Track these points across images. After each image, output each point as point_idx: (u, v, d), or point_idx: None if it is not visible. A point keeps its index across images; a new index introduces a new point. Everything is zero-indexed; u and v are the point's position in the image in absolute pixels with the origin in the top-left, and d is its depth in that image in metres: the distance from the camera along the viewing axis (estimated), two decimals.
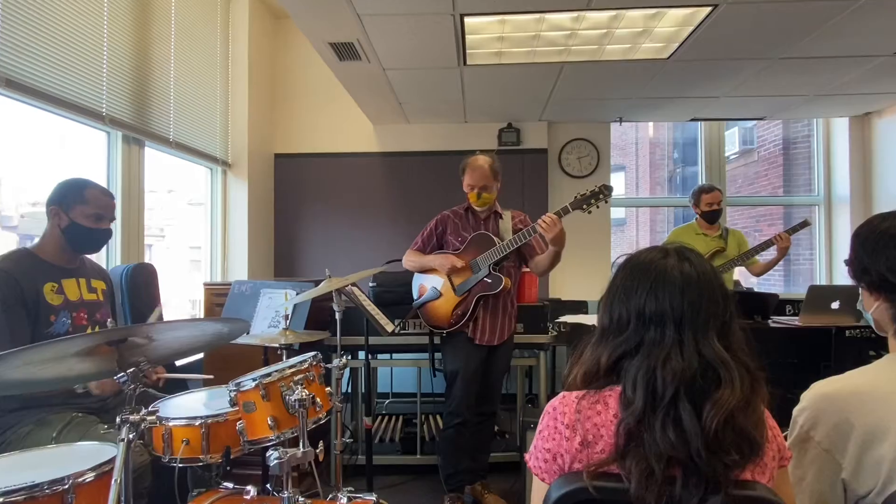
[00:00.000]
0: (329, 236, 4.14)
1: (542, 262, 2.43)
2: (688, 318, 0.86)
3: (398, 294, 2.75)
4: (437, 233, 2.54)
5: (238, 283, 2.69)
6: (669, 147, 8.29)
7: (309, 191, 4.17)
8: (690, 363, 0.83)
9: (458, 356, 2.42)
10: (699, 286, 0.87)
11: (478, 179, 2.42)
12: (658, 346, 0.86)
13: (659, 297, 0.88)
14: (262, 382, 1.48)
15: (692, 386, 0.82)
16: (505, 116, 4.06)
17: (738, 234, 3.33)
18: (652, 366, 0.84)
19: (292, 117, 4.20)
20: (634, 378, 0.85)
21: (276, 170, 4.18)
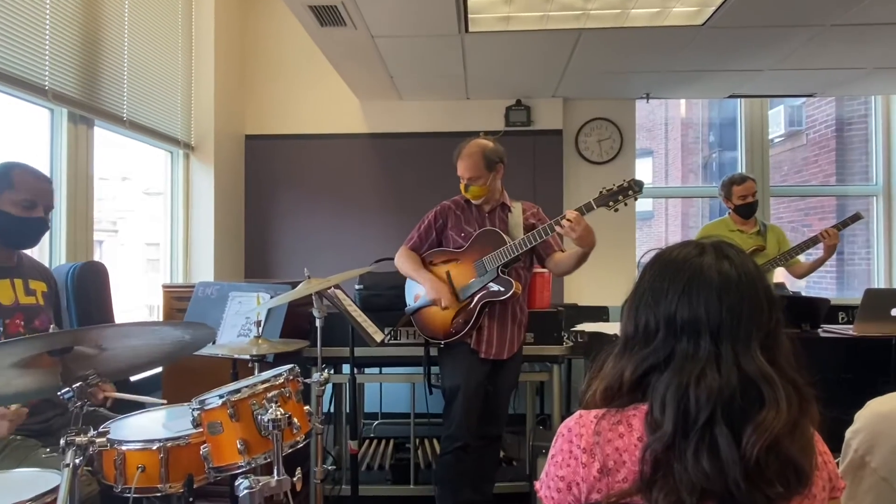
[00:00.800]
0: (309, 231, 4.14)
1: (564, 263, 2.44)
2: (726, 326, 0.85)
3: (388, 298, 2.75)
4: (437, 227, 2.54)
5: (203, 284, 2.69)
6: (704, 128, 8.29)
7: (286, 178, 4.16)
8: (729, 380, 0.82)
9: (459, 371, 2.42)
10: (740, 289, 0.86)
11: (464, 169, 2.43)
12: (691, 359, 0.85)
13: (693, 302, 0.87)
14: (230, 400, 1.48)
15: (730, 406, 0.82)
16: (513, 92, 4.06)
17: (777, 229, 3.33)
18: (684, 382, 0.83)
19: (266, 93, 4.19)
20: (663, 396, 0.84)
21: (248, 154, 4.17)
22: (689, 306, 0.87)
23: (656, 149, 9.15)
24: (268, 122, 4.18)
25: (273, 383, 1.55)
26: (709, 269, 0.88)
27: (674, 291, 0.89)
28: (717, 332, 0.85)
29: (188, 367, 2.54)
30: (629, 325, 0.94)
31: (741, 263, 0.89)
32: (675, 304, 0.88)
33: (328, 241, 4.11)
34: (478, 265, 2.41)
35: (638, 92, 4.08)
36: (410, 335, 2.75)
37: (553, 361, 2.85)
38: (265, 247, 4.15)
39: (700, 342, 0.85)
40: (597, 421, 0.88)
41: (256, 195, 4.16)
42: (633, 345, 0.92)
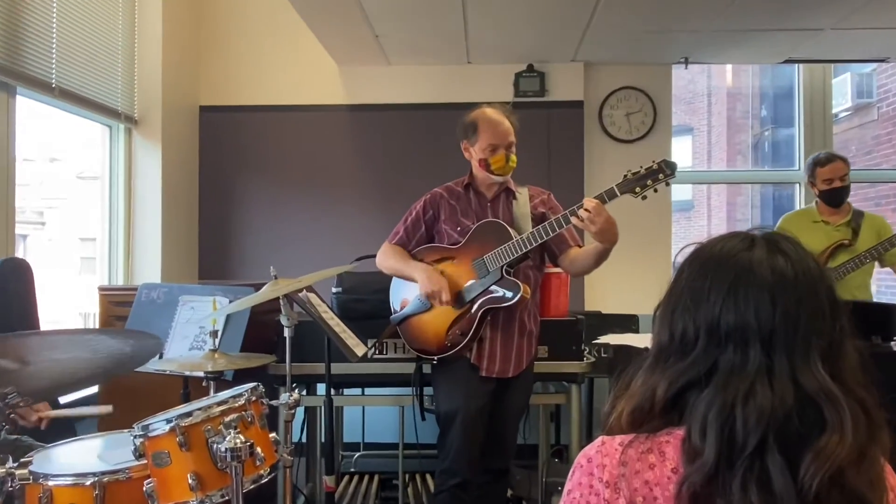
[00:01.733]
0: (276, 223, 4.13)
1: (581, 261, 2.44)
2: (781, 333, 0.85)
3: (372, 304, 2.74)
4: (427, 219, 2.54)
5: (147, 287, 2.69)
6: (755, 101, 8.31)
7: (249, 159, 4.15)
8: (783, 399, 0.82)
9: (456, 392, 2.41)
10: (798, 289, 0.86)
11: (502, 136, 2.41)
12: (738, 373, 0.85)
13: (740, 305, 0.87)
14: (179, 425, 1.48)
15: (785, 430, 0.81)
16: (524, 55, 4.04)
17: (877, 220, 3.28)
18: (729, 401, 0.83)
19: (225, 56, 4.18)
20: (704, 418, 0.84)
21: (203, 129, 4.16)
22: (735, 310, 0.87)
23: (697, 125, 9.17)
24: (227, 91, 4.17)
25: (232, 405, 1.55)
26: (759, 265, 0.88)
27: (717, 292, 0.88)
28: (769, 340, 0.85)
29: (129, 386, 2.53)
30: (663, 334, 0.93)
31: (799, 259, 0.89)
32: (719, 308, 0.88)
33: (300, 235, 4.11)
34: (477, 265, 2.40)
35: (675, 56, 4.07)
36: (399, 349, 2.75)
37: (571, 381, 2.84)
38: (223, 242, 4.14)
39: (749, 353, 0.85)
40: (622, 449, 0.88)
41: (213, 179, 4.15)
42: (667, 356, 0.91)
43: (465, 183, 2.55)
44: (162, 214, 3.67)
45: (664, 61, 4.17)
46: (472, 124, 2.46)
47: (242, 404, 1.57)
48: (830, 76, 4.62)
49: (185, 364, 2.08)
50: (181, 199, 3.93)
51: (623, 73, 4.21)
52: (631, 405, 0.92)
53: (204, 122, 4.16)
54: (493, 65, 4.12)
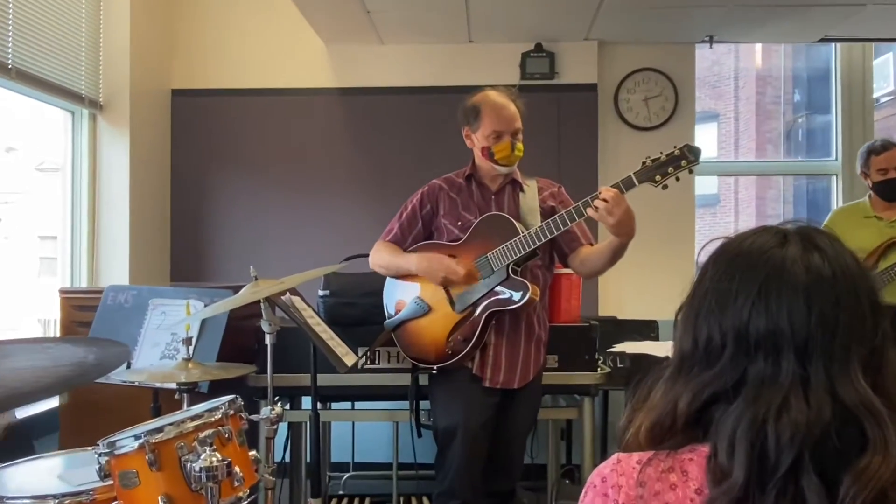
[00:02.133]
0: (257, 219, 4.13)
1: (594, 259, 2.44)
2: (817, 340, 0.84)
3: (363, 308, 2.74)
4: (424, 214, 2.55)
5: (114, 289, 2.69)
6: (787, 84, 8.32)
7: (226, 147, 4.15)
8: (820, 413, 0.82)
9: (456, 405, 2.42)
10: (836, 290, 0.86)
11: (507, 122, 2.42)
12: (769, 384, 0.84)
13: (772, 308, 0.86)
14: (149, 442, 1.48)
15: (822, 449, 0.81)
16: (531, 34, 4.04)
17: None
18: (760, 416, 0.83)
19: (200, 35, 4.18)
20: (732, 435, 0.83)
21: (175, 115, 4.16)
22: (766, 314, 0.86)
23: (723, 111, 9.18)
24: (202, 73, 4.16)
25: (207, 420, 1.56)
26: (793, 263, 0.88)
27: (746, 294, 0.88)
28: (804, 348, 0.85)
29: (93, 400, 2.54)
30: (686, 340, 0.93)
31: (837, 256, 0.89)
32: (748, 312, 0.87)
33: (283, 232, 4.10)
34: (481, 263, 2.41)
35: (698, 34, 4.06)
36: (393, 358, 2.75)
37: (583, 393, 2.85)
38: (198, 240, 4.14)
39: (781, 362, 0.85)
40: (640, 468, 0.87)
41: (187, 170, 4.14)
42: (690, 366, 0.91)
43: (466, 174, 2.56)
44: (130, 209, 3.66)
45: (687, 40, 4.16)
46: (473, 109, 2.46)
47: (219, 419, 1.58)
48: (871, 57, 4.61)
49: (156, 374, 2.08)
50: (151, 193, 3.92)
51: (641, 54, 4.21)
52: (650, 419, 0.92)
53: (176, 107, 4.15)
54: (497, 44, 4.12)
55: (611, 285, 4.15)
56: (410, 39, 4.08)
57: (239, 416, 1.69)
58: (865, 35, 4.18)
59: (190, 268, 4.11)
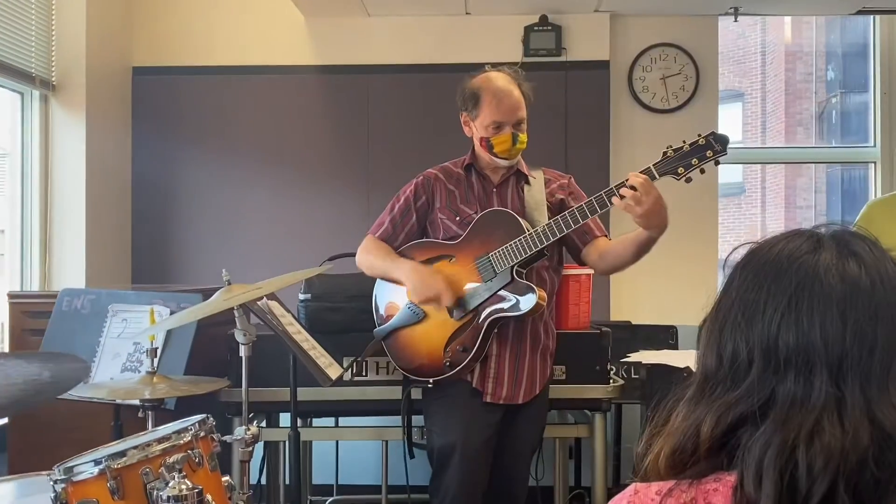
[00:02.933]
0: (230, 215, 4.12)
1: (616, 253, 2.45)
2: (854, 357, 0.85)
3: (349, 313, 2.75)
4: (418, 207, 2.54)
5: (69, 293, 2.68)
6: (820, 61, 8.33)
7: (194, 132, 4.13)
8: (857, 438, 0.82)
9: (454, 422, 2.42)
10: (875, 302, 0.86)
11: (509, 112, 2.41)
12: (801, 406, 0.85)
13: (803, 321, 0.87)
14: (111, 467, 1.47)
15: (859, 478, 0.81)
16: (536, 5, 4.04)
17: None
18: (790, 442, 0.83)
19: (164, 7, 4.15)
20: (759, 462, 0.83)
21: (137, 95, 4.14)
22: (797, 328, 0.87)
23: (748, 90, 9.19)
24: (167, 49, 4.14)
25: (175, 443, 1.55)
26: (827, 272, 0.88)
27: (774, 306, 0.88)
28: (838, 366, 0.85)
29: (46, 417, 2.51)
30: (710, 356, 0.93)
31: (875, 263, 0.89)
32: (777, 325, 0.88)
33: (259, 229, 4.09)
34: (482, 265, 2.41)
35: (722, 6, 4.06)
36: (381, 369, 2.76)
37: (594, 409, 2.85)
38: (163, 237, 4.13)
39: (814, 381, 0.85)
40: (660, 499, 0.88)
41: (150, 158, 4.13)
42: (714, 385, 0.92)
43: (465, 163, 2.56)
44: (86, 202, 3.64)
45: (709, 12, 4.15)
46: (473, 94, 2.45)
47: (188, 441, 1.58)
48: None
49: (117, 390, 2.08)
50: (110, 183, 3.90)
51: (658, 27, 4.20)
52: (670, 445, 0.92)
53: (138, 87, 4.13)
54: (497, 16, 4.11)
55: (624, 287, 4.15)
56: (400, 11, 4.06)
57: (210, 438, 1.69)
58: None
59: (154, 268, 4.10)
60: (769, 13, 4.35)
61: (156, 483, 1.49)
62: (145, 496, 1.49)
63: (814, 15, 5.25)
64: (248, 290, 2.11)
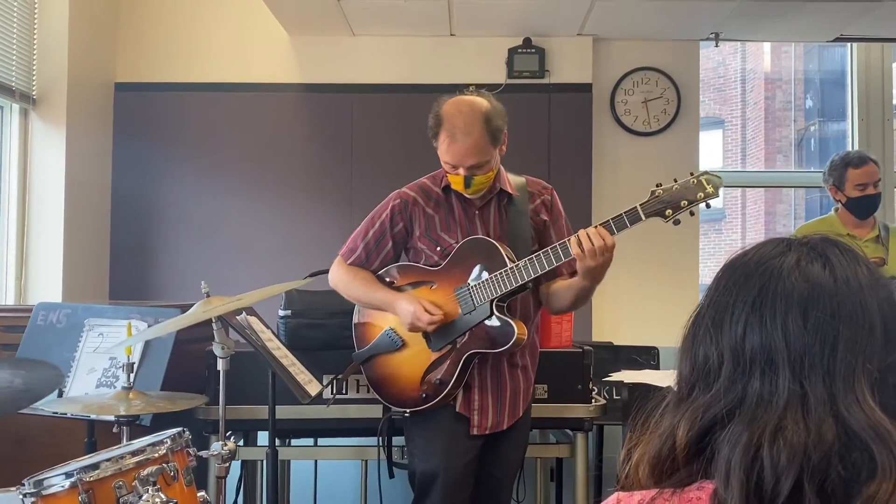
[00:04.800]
0: (211, 230, 4.10)
1: (559, 297, 2.41)
2: (815, 356, 0.85)
3: (330, 331, 2.74)
4: (395, 233, 2.46)
5: (45, 307, 2.66)
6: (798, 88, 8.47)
7: (176, 148, 4.13)
8: (821, 436, 0.82)
9: (436, 448, 2.39)
10: (838, 301, 0.87)
11: (459, 157, 2.29)
12: (766, 405, 0.85)
13: (766, 321, 0.87)
14: (83, 480, 1.45)
15: (824, 474, 0.81)
16: (520, 27, 4.08)
17: None
18: (755, 440, 0.83)
19: (148, 22, 4.16)
20: (728, 461, 0.83)
21: (119, 111, 4.14)
22: (760, 328, 0.87)
23: (729, 117, 9.31)
24: (150, 65, 4.15)
25: (150, 456, 1.53)
26: (791, 272, 0.89)
27: (741, 308, 0.89)
28: (800, 364, 0.85)
29: (17, 432, 2.47)
30: (684, 364, 0.94)
31: (844, 266, 0.90)
32: (743, 326, 0.88)
33: (240, 246, 4.08)
34: (461, 295, 2.35)
35: (703, 31, 4.13)
36: (363, 387, 2.73)
37: (576, 428, 2.84)
38: (143, 253, 4.10)
39: (778, 380, 0.86)
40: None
41: (131, 173, 4.11)
42: (689, 390, 0.92)
43: (443, 183, 2.45)
44: (65, 216, 3.63)
45: (690, 37, 4.22)
46: (436, 121, 2.34)
47: (163, 455, 1.56)
48: (890, 59, 4.69)
49: (92, 405, 2.05)
50: (90, 198, 3.89)
51: (640, 51, 4.26)
52: (649, 452, 0.92)
53: (120, 102, 4.13)
54: (481, 38, 4.15)
55: (606, 308, 4.17)
56: (385, 31, 4.09)
57: (186, 453, 1.67)
58: (884, 34, 4.26)
59: (133, 284, 4.07)
60: (749, 39, 4.42)
61: (129, 497, 1.47)
62: None
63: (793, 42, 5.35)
64: (228, 303, 2.10)
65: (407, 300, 2.37)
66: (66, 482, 1.47)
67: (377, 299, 2.44)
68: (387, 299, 2.41)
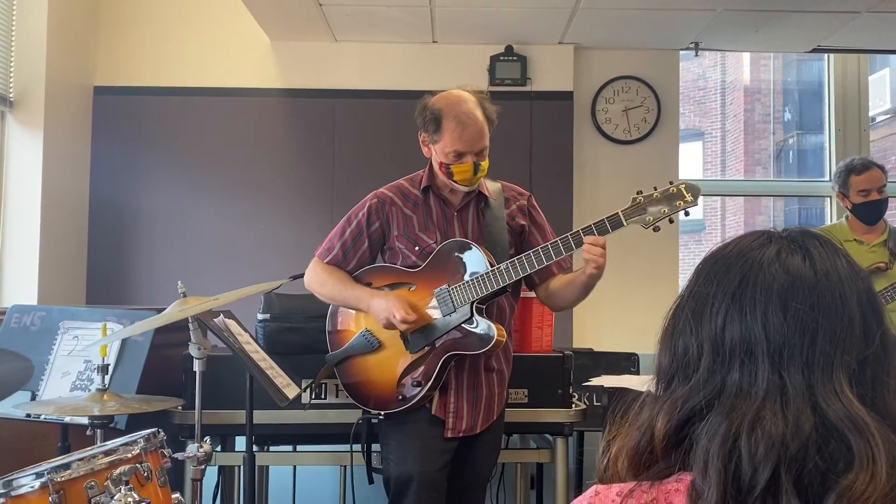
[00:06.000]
0: (190, 235, 4.09)
1: (564, 293, 2.44)
2: (795, 347, 0.86)
3: (309, 334, 2.72)
4: (372, 232, 2.46)
5: (19, 310, 2.64)
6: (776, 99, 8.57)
7: (155, 152, 4.11)
8: (799, 426, 0.83)
9: (412, 452, 2.39)
10: (818, 293, 0.88)
11: (472, 141, 2.31)
12: (745, 396, 0.86)
13: (746, 313, 0.88)
14: (54, 480, 1.44)
15: (802, 466, 0.81)
16: (502, 35, 4.10)
17: None
18: (733, 430, 0.84)
19: (128, 26, 4.16)
20: (706, 452, 0.83)
21: (97, 115, 4.12)
22: (740, 319, 0.88)
23: (709, 129, 9.39)
24: (129, 69, 4.14)
25: (123, 456, 1.51)
26: (771, 264, 0.90)
27: (721, 299, 0.90)
28: (779, 355, 0.86)
29: None
30: (663, 356, 0.95)
31: (824, 258, 0.91)
32: (723, 318, 0.89)
33: (219, 250, 4.06)
34: (441, 297, 2.35)
35: (683, 40, 4.17)
36: (341, 392, 2.71)
37: (557, 433, 2.83)
38: (120, 257, 4.08)
39: (757, 371, 0.86)
40: (621, 500, 0.88)
41: (109, 177, 4.09)
42: (667, 382, 0.93)
43: (423, 184, 2.46)
44: (41, 219, 3.62)
45: (670, 46, 4.26)
46: (434, 117, 2.35)
47: (137, 454, 1.54)
48: (867, 72, 4.77)
49: (65, 407, 2.02)
50: (67, 202, 3.87)
51: (621, 60, 4.29)
52: (628, 444, 0.93)
53: (99, 106, 4.12)
54: (463, 45, 4.17)
55: (587, 316, 4.18)
56: (367, 37, 4.10)
57: (161, 454, 1.65)
58: (861, 45, 4.32)
59: (110, 289, 4.05)
60: (728, 49, 4.46)
61: (101, 497, 1.45)
62: None
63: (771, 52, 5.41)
64: (205, 302, 2.08)
65: (382, 297, 2.37)
66: (37, 482, 1.45)
67: (352, 297, 2.43)
68: (362, 296, 2.41)
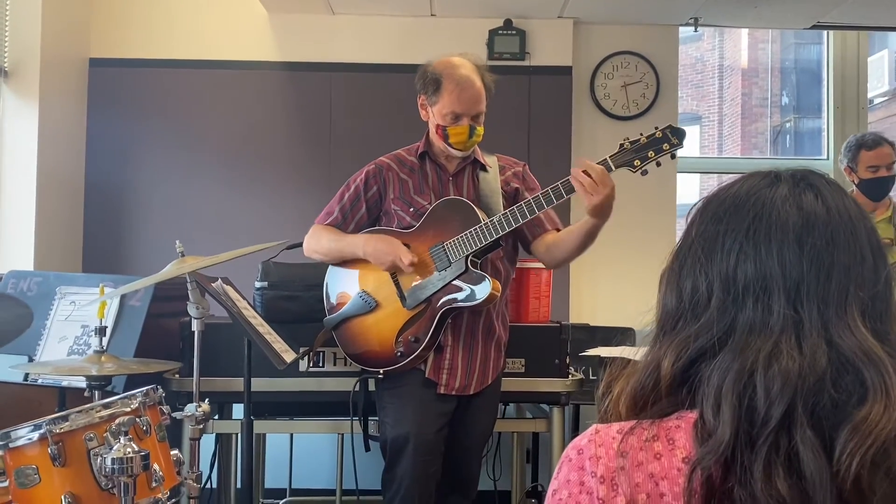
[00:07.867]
0: (187, 204, 4.08)
1: (562, 246, 2.46)
2: (811, 283, 0.86)
3: (306, 303, 2.73)
4: (369, 196, 2.53)
5: (15, 275, 2.64)
6: (774, 80, 8.56)
7: (152, 124, 4.09)
8: (815, 360, 0.83)
9: (408, 414, 2.41)
10: (831, 230, 0.88)
11: (469, 104, 2.38)
12: (760, 332, 0.86)
13: (761, 250, 0.88)
14: (52, 432, 1.44)
15: (817, 399, 0.82)
16: (500, 8, 4.08)
17: None
18: (748, 366, 0.84)
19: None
20: (718, 388, 0.84)
21: (93, 86, 4.10)
22: (755, 256, 0.88)
23: (706, 112, 9.39)
24: (125, 41, 4.11)
25: (122, 409, 1.52)
26: (784, 202, 0.90)
27: (733, 238, 0.90)
28: (796, 290, 0.86)
29: None
30: (669, 296, 0.95)
31: (833, 196, 0.91)
32: (736, 255, 0.89)
33: (217, 221, 4.05)
34: (436, 253, 2.40)
35: (682, 16, 4.15)
36: (339, 360, 2.73)
37: (553, 402, 2.85)
38: (117, 226, 4.07)
39: (772, 307, 0.86)
40: (622, 437, 0.87)
41: (105, 147, 4.08)
42: (674, 322, 0.93)
43: (419, 151, 2.54)
44: (37, 188, 3.61)
45: (670, 22, 4.24)
46: (434, 79, 2.43)
47: (136, 408, 1.55)
48: (866, 53, 4.76)
49: (62, 368, 2.03)
50: (63, 171, 3.86)
51: (620, 35, 4.28)
52: (631, 384, 0.93)
53: (95, 77, 4.09)
54: (462, 18, 4.15)
55: (584, 291, 4.19)
56: (365, 10, 4.07)
57: (160, 410, 1.66)
58: (860, 22, 4.31)
59: (106, 256, 4.04)
60: (727, 25, 4.45)
61: (100, 448, 1.45)
62: (88, 462, 1.45)
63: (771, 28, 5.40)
64: (202, 260, 2.08)
65: (374, 239, 2.43)
66: (35, 434, 1.46)
67: (347, 244, 2.48)
68: (355, 241, 2.47)
